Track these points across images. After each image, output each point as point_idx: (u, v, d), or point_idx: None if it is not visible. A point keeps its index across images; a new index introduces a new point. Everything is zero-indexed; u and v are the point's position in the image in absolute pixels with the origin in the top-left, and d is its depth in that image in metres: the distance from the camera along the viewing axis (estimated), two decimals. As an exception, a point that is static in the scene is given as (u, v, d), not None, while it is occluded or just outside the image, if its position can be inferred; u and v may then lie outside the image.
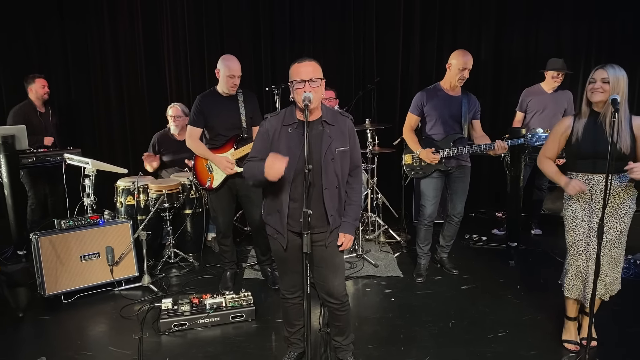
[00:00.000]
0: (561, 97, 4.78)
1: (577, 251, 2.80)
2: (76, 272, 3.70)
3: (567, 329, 3.02)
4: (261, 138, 2.48)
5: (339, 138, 2.43)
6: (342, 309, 2.63)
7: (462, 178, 3.94)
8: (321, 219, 2.45)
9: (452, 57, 3.79)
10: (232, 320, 3.32)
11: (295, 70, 2.37)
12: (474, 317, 3.38)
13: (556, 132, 2.85)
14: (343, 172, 2.46)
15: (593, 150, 2.66)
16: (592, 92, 2.67)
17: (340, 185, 2.46)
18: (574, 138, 2.73)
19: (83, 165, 3.98)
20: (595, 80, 2.65)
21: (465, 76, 3.74)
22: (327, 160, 2.39)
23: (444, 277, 4.11)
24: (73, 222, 3.71)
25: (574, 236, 2.81)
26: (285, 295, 2.68)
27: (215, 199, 3.73)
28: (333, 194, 2.44)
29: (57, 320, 3.43)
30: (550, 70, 4.71)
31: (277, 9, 5.77)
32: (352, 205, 2.56)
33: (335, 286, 2.56)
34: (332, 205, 2.44)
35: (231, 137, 3.60)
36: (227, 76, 3.52)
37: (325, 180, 2.39)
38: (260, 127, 2.51)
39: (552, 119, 4.65)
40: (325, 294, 2.60)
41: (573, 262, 2.82)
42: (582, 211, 2.78)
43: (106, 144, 6.03)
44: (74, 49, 5.77)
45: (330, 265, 2.54)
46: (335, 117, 2.48)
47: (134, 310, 3.54)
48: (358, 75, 5.99)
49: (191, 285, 3.99)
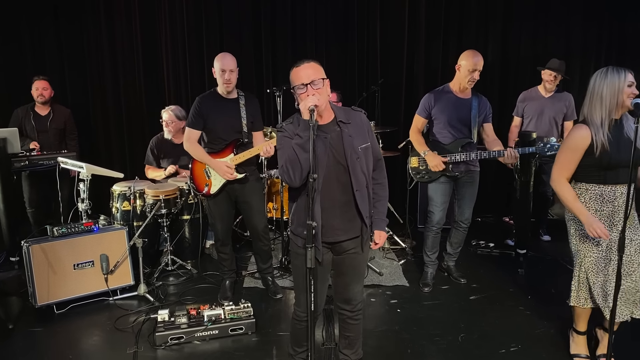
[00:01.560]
0: (559, 101, 4.56)
1: (599, 269, 2.62)
2: (69, 281, 3.56)
3: (577, 343, 2.89)
4: (287, 143, 2.26)
5: (358, 135, 2.31)
6: (356, 317, 2.52)
7: (471, 183, 3.80)
8: (355, 223, 2.33)
9: (461, 57, 3.63)
10: (232, 333, 3.17)
11: (295, 75, 2.23)
12: (484, 331, 3.23)
13: (576, 147, 2.54)
14: (369, 170, 2.36)
15: (618, 160, 2.48)
16: (632, 97, 2.44)
17: (369, 183, 2.36)
18: (598, 149, 2.49)
19: (78, 169, 3.83)
20: (633, 84, 2.46)
21: (475, 78, 3.60)
22: (353, 161, 2.26)
23: (451, 286, 3.96)
24: (66, 229, 3.57)
25: (596, 253, 2.61)
26: (299, 316, 2.48)
27: (213, 205, 3.59)
28: (364, 194, 2.33)
29: (49, 332, 3.29)
30: (547, 69, 4.54)
31: (278, 8, 5.62)
32: (381, 200, 2.48)
33: (355, 292, 2.48)
34: (365, 207, 2.33)
35: (231, 141, 3.45)
36: (220, 71, 3.37)
37: (355, 182, 2.27)
38: (279, 135, 2.33)
39: (549, 124, 4.49)
40: (342, 302, 2.49)
41: (594, 280, 2.64)
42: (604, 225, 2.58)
43: (103, 147, 5.88)
44: (70, 49, 5.62)
45: (358, 271, 2.47)
46: (349, 114, 2.35)
47: (129, 321, 3.40)
48: (361, 77, 5.84)
49: (189, 294, 3.85)
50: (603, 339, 2.83)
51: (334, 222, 2.28)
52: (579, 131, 2.56)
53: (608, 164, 2.51)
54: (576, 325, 2.87)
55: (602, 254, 2.61)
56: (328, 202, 2.26)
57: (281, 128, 2.34)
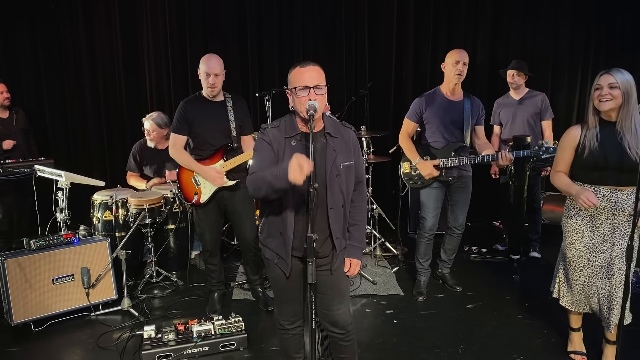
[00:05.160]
0: (530, 102, 4.47)
1: (578, 267, 2.68)
2: (48, 297, 3.35)
3: (572, 340, 2.93)
4: (265, 148, 2.16)
5: (343, 151, 2.19)
6: (347, 339, 2.37)
7: (464, 188, 3.72)
8: (326, 242, 2.20)
9: (446, 56, 3.59)
10: (222, 350, 3.01)
11: (298, 76, 2.09)
12: (485, 341, 3.14)
13: (564, 146, 2.68)
14: (348, 190, 2.22)
15: (604, 162, 2.49)
16: (600, 101, 2.48)
17: (346, 204, 2.22)
18: (585, 149, 2.54)
19: (55, 178, 3.63)
20: (602, 87, 2.47)
21: (460, 69, 3.50)
22: (332, 177, 2.13)
23: (447, 294, 3.87)
24: (44, 242, 3.36)
25: (574, 251, 2.67)
26: (284, 326, 2.41)
27: (202, 215, 3.43)
28: (339, 213, 2.19)
29: (26, 352, 3.08)
30: (508, 70, 4.48)
31: (264, 10, 5.47)
32: (356, 225, 2.33)
33: (340, 314, 2.31)
34: (337, 226, 2.20)
35: (220, 147, 3.30)
36: (204, 73, 3.23)
37: (330, 199, 2.14)
38: (259, 136, 2.21)
39: (523, 128, 4.43)
40: (328, 323, 2.34)
41: (575, 278, 2.70)
42: (584, 225, 2.63)
43: (82, 154, 5.63)
44: (46, 50, 5.37)
45: (336, 291, 2.29)
46: (338, 129, 2.23)
47: (113, 338, 3.21)
48: (350, 80, 5.73)
49: (175, 307, 3.68)
50: (607, 353, 2.76)
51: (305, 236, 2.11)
52: (570, 130, 2.66)
53: (588, 164, 2.54)
54: (569, 322, 2.92)
55: (582, 252, 2.64)
56: (303, 215, 2.13)
57: (263, 130, 2.21)
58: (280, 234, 2.17)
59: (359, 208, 2.33)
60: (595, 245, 2.60)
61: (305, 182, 1.91)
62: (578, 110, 5.88)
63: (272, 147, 2.14)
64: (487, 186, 5.63)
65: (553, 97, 5.39)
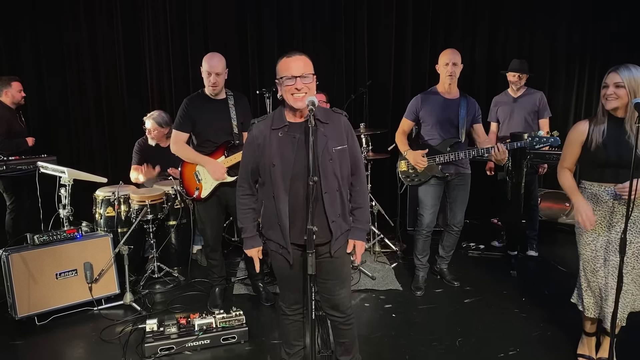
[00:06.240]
0: (528, 100, 4.51)
1: (594, 268, 2.60)
2: (51, 291, 3.40)
3: (583, 344, 2.87)
4: (249, 147, 2.27)
5: (334, 137, 2.24)
6: (347, 323, 2.44)
7: (462, 186, 3.77)
8: (323, 227, 2.23)
9: (438, 58, 3.66)
10: (224, 343, 3.06)
11: (285, 66, 2.16)
12: (482, 334, 3.19)
13: (570, 140, 2.65)
14: (343, 173, 2.26)
15: (617, 159, 2.47)
16: (606, 99, 2.49)
17: (342, 188, 2.26)
18: (592, 145, 2.52)
19: (58, 175, 3.68)
20: (608, 85, 2.47)
21: (451, 70, 3.56)
22: (325, 162, 2.18)
23: (445, 289, 3.92)
24: (47, 237, 3.41)
25: (589, 252, 2.61)
26: (285, 312, 2.48)
27: (203, 210, 3.47)
28: (334, 198, 2.23)
29: (31, 345, 3.13)
30: (510, 72, 4.53)
31: (264, 8, 5.52)
32: (360, 208, 2.37)
33: (341, 298, 2.38)
34: (333, 210, 2.23)
35: (221, 144, 3.35)
36: (206, 72, 3.27)
37: (324, 184, 2.18)
38: (248, 133, 2.29)
39: (521, 125, 4.47)
40: (329, 308, 2.41)
41: (591, 280, 2.63)
42: (600, 225, 2.58)
43: (84, 151, 5.68)
44: (48, 49, 5.42)
45: (338, 276, 2.35)
46: (328, 115, 2.28)
47: (116, 332, 3.26)
48: (349, 78, 5.78)
49: (177, 302, 3.73)
50: (604, 342, 2.80)
51: (302, 224, 2.18)
52: (577, 125, 2.64)
53: (600, 160, 2.51)
54: (584, 327, 2.86)
55: (599, 252, 2.58)
56: (297, 203, 2.19)
57: (252, 125, 2.29)
58: (278, 225, 2.23)
59: (359, 192, 2.37)
60: (612, 244, 2.53)
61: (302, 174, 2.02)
62: (575, 109, 5.93)
63: (256, 142, 2.22)
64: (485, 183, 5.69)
65: (550, 96, 5.42)
